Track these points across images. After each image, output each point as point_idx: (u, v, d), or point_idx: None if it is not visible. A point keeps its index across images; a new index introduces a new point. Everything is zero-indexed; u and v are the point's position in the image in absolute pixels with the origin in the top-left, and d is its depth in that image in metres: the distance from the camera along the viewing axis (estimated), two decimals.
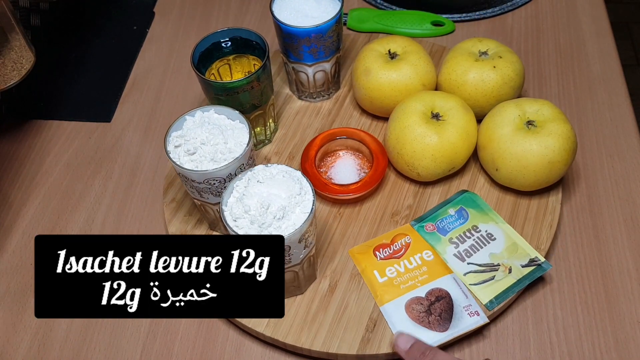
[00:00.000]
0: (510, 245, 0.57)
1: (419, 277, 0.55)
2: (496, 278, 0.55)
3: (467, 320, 0.52)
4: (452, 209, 0.60)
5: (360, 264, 0.57)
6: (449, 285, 0.54)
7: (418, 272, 0.55)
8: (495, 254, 0.56)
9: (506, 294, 0.54)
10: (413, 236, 0.58)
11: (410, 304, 0.54)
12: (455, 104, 0.60)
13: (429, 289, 0.54)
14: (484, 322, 0.52)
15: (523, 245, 0.57)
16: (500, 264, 0.56)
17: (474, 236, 0.58)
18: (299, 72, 0.68)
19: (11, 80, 0.63)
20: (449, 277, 0.55)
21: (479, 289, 0.54)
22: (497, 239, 0.57)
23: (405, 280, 0.55)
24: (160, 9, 0.86)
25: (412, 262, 0.56)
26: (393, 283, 0.55)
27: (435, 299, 0.53)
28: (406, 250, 0.57)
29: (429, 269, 0.56)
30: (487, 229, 0.58)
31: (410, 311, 0.53)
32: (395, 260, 0.57)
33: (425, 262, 0.56)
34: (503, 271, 0.55)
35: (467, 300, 0.53)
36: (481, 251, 0.57)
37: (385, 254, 0.57)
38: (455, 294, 0.54)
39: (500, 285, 0.54)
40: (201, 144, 0.52)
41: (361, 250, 0.58)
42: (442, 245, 0.58)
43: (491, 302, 0.54)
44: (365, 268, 0.57)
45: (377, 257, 0.57)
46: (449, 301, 0.53)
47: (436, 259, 0.56)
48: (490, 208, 0.60)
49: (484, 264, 0.56)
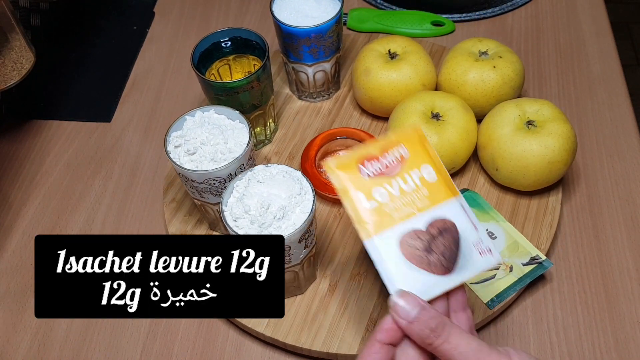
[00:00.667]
0: (511, 244, 0.57)
1: (417, 203, 0.42)
2: (497, 277, 0.55)
3: (477, 259, 0.41)
4: None
5: (340, 182, 0.43)
6: (455, 213, 0.42)
7: (416, 196, 0.42)
8: None
9: (507, 292, 0.54)
10: (410, 147, 0.44)
11: (405, 238, 0.41)
12: (455, 104, 0.60)
13: (429, 219, 0.42)
14: (498, 262, 0.42)
15: (524, 244, 0.57)
16: (501, 262, 0.56)
17: None
18: (299, 72, 0.68)
19: (11, 80, 0.63)
20: (454, 202, 0.43)
21: (480, 287, 0.54)
22: (498, 237, 0.57)
23: (399, 207, 0.42)
24: (160, 9, 0.86)
25: (408, 181, 0.43)
26: (384, 210, 0.42)
27: (437, 233, 0.41)
28: (401, 166, 0.43)
29: (430, 191, 0.43)
30: (487, 228, 0.58)
31: (405, 248, 0.41)
32: (387, 179, 0.43)
33: (425, 182, 0.43)
34: (504, 270, 0.55)
35: (476, 233, 0.42)
36: None
37: (373, 169, 0.43)
38: (463, 226, 0.42)
39: (501, 283, 0.54)
40: (201, 144, 0.52)
41: (342, 163, 0.43)
42: None
43: (492, 300, 0.54)
44: (347, 189, 0.42)
45: (362, 174, 0.43)
46: (455, 235, 0.42)
47: (439, 177, 0.43)
48: (491, 207, 0.60)
49: None
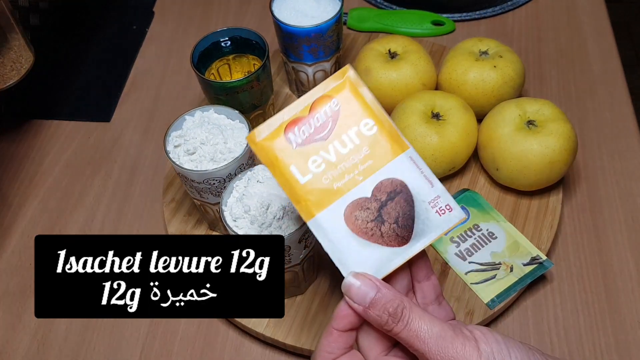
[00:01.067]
0: (511, 244, 0.57)
1: (360, 166, 0.37)
2: (497, 277, 0.55)
3: (436, 221, 0.36)
4: None
5: (267, 155, 0.38)
6: (404, 170, 0.37)
7: (357, 159, 0.37)
8: (496, 253, 0.56)
9: (508, 292, 0.54)
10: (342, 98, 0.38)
11: (351, 210, 0.37)
12: (455, 103, 0.60)
13: (375, 183, 0.37)
14: (460, 218, 0.37)
15: (524, 244, 0.57)
16: (501, 262, 0.56)
17: (475, 235, 0.58)
18: (299, 72, 0.68)
19: (10, 80, 0.63)
20: (402, 158, 0.37)
21: (481, 287, 0.54)
22: (499, 237, 0.57)
23: (339, 175, 0.37)
24: (159, 9, 0.86)
25: (345, 143, 0.37)
26: (322, 181, 0.37)
27: (386, 197, 0.37)
28: (334, 125, 0.37)
29: (372, 150, 0.37)
30: (488, 228, 0.58)
31: (352, 222, 0.36)
32: (321, 144, 0.37)
33: (364, 138, 0.37)
34: (504, 270, 0.55)
35: (432, 190, 0.37)
36: (482, 250, 0.57)
37: (303, 135, 0.37)
38: (416, 184, 0.37)
39: (501, 284, 0.54)
40: (201, 143, 0.52)
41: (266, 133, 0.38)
42: (443, 244, 0.57)
43: (493, 300, 0.53)
44: (276, 162, 0.37)
45: (291, 143, 0.37)
46: (408, 197, 0.37)
47: (382, 130, 0.37)
48: (491, 207, 0.60)
49: (485, 262, 0.56)
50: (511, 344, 0.33)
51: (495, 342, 0.33)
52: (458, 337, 0.33)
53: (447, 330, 0.33)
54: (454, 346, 0.32)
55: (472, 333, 0.33)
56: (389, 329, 0.34)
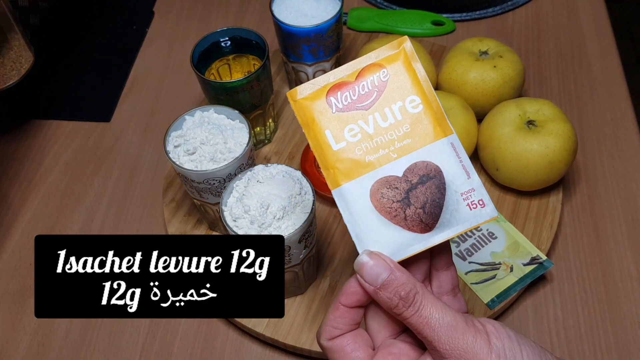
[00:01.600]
0: (511, 244, 0.57)
1: (397, 143, 0.35)
2: (497, 277, 0.55)
3: (465, 214, 0.35)
4: None
5: (304, 117, 0.36)
6: (443, 155, 0.35)
7: (395, 135, 0.35)
8: (496, 253, 0.56)
9: (508, 292, 0.54)
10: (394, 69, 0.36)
11: (378, 187, 0.35)
12: (455, 103, 0.60)
13: (409, 163, 0.35)
14: (492, 216, 0.35)
15: (524, 244, 0.57)
16: (501, 262, 0.56)
17: (475, 235, 0.58)
18: (299, 72, 0.68)
19: (10, 80, 0.63)
20: (443, 142, 0.35)
21: (481, 287, 0.54)
22: (499, 237, 0.57)
23: (374, 148, 0.35)
24: (159, 9, 0.86)
25: (387, 116, 0.35)
26: (355, 152, 0.35)
27: (418, 180, 0.35)
28: (379, 95, 0.36)
29: (413, 128, 0.35)
30: (488, 228, 0.58)
31: (377, 199, 0.35)
32: (361, 114, 0.36)
33: (407, 115, 0.35)
34: (504, 270, 0.55)
35: (468, 182, 0.35)
36: (482, 250, 0.57)
37: (345, 101, 0.36)
38: (452, 172, 0.35)
39: (501, 284, 0.54)
40: (201, 143, 0.52)
41: (308, 92, 0.36)
42: None
43: (493, 301, 0.53)
44: (312, 124, 0.36)
45: (331, 107, 0.36)
46: (441, 184, 0.35)
47: (427, 109, 0.36)
48: None
49: (485, 262, 0.56)
50: (523, 341, 0.32)
51: (507, 338, 0.32)
52: (469, 329, 0.32)
53: (459, 320, 0.32)
54: (465, 338, 0.31)
55: (485, 327, 0.32)
56: (399, 313, 0.32)
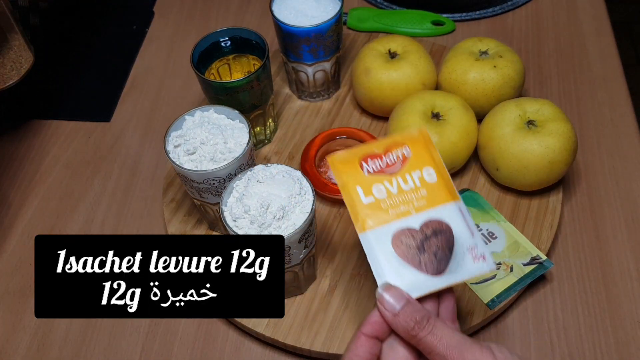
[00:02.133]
0: (511, 244, 0.57)
1: (415, 202, 0.43)
2: (497, 277, 0.55)
3: (469, 264, 0.42)
4: None
5: (341, 177, 0.45)
6: (452, 216, 0.43)
7: (414, 196, 0.43)
8: (496, 253, 0.56)
9: (508, 292, 0.54)
10: (414, 148, 0.45)
11: (399, 235, 0.42)
12: (455, 103, 0.60)
13: (425, 219, 0.43)
14: (491, 269, 0.42)
15: (524, 244, 0.57)
16: (501, 262, 0.56)
17: None
18: (299, 72, 0.68)
19: (10, 80, 0.63)
20: (453, 206, 0.43)
21: (480, 287, 0.54)
22: (499, 237, 0.57)
23: (396, 204, 0.43)
24: (159, 9, 0.86)
25: (408, 181, 0.44)
26: (380, 206, 0.43)
27: (431, 233, 0.42)
28: (403, 165, 0.45)
29: (429, 193, 0.44)
30: (488, 228, 0.58)
31: (397, 245, 0.42)
32: (387, 177, 0.44)
33: (425, 183, 0.44)
34: (504, 270, 0.55)
35: (472, 239, 0.42)
36: None
37: (375, 166, 0.45)
38: (459, 230, 0.43)
39: (501, 284, 0.54)
40: (201, 143, 0.52)
41: (345, 158, 0.45)
42: None
43: (493, 301, 0.53)
44: (347, 182, 0.44)
45: (364, 170, 0.45)
46: (450, 238, 0.42)
47: (440, 180, 0.44)
48: (491, 207, 0.60)
49: None
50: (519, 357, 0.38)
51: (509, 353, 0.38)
52: (476, 345, 0.37)
53: (466, 338, 0.38)
54: (473, 351, 0.37)
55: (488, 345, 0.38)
56: (415, 334, 0.38)
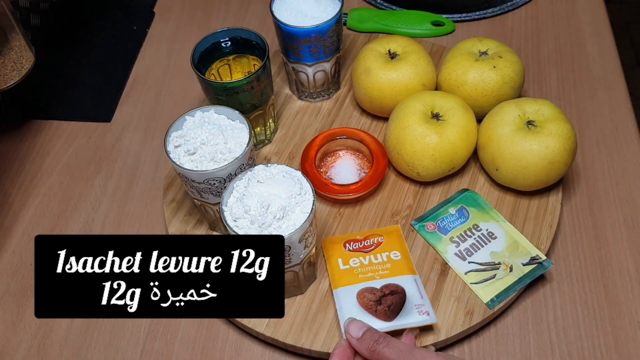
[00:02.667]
0: (511, 244, 0.57)
1: (380, 272, 0.55)
2: (497, 277, 0.55)
3: (415, 316, 0.51)
4: (452, 208, 0.60)
5: (327, 252, 0.58)
6: (408, 284, 0.53)
7: (380, 268, 0.55)
8: (496, 253, 0.56)
9: (507, 292, 0.54)
10: (388, 237, 0.58)
11: (363, 292, 0.53)
12: (455, 103, 0.60)
13: (385, 283, 0.54)
14: (432, 321, 0.51)
15: (524, 244, 0.57)
16: (501, 262, 0.56)
17: (475, 235, 0.58)
18: (299, 72, 0.68)
19: (11, 80, 0.63)
20: (409, 278, 0.54)
21: (480, 287, 0.54)
22: (498, 237, 0.57)
23: (365, 272, 0.55)
24: (160, 9, 0.86)
25: (378, 258, 0.56)
26: (353, 272, 0.55)
27: (389, 292, 0.53)
28: (376, 248, 0.57)
29: (393, 267, 0.55)
30: (488, 228, 0.58)
31: (361, 298, 0.53)
32: (362, 254, 0.57)
33: (391, 260, 0.56)
34: (504, 270, 0.55)
35: (421, 300, 0.53)
36: (482, 250, 0.57)
37: (354, 247, 0.57)
38: (411, 293, 0.53)
39: (501, 283, 0.54)
40: (201, 144, 0.52)
41: (333, 240, 0.59)
42: (443, 244, 0.58)
43: (492, 300, 0.54)
44: (331, 256, 0.57)
45: (345, 248, 0.57)
46: (402, 297, 0.52)
47: (403, 259, 0.56)
48: (491, 207, 0.60)
49: (484, 262, 0.56)
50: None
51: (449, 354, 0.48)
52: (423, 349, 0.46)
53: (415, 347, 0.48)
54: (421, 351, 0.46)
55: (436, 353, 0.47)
56: (374, 349, 0.46)
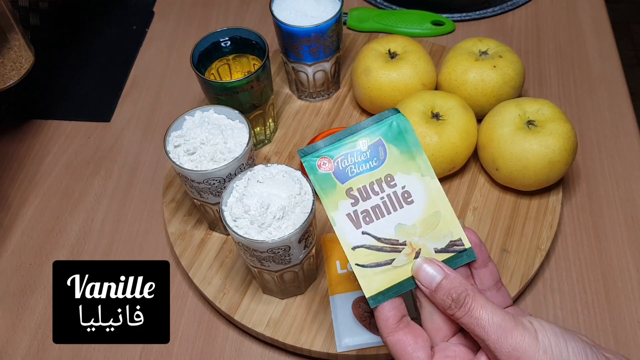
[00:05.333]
0: (430, 216, 0.40)
1: None
2: (395, 263, 0.39)
3: None
4: (365, 139, 0.41)
5: (327, 252, 0.57)
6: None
7: None
8: (404, 226, 0.40)
9: (399, 289, 0.39)
10: None
11: (358, 301, 0.53)
12: (455, 103, 0.60)
13: None
14: None
15: (448, 219, 0.40)
16: (407, 242, 0.39)
17: (385, 192, 0.40)
18: (299, 72, 0.68)
19: (10, 80, 0.63)
20: None
21: (366, 273, 0.39)
22: (416, 201, 0.40)
23: None
24: (159, 9, 0.86)
25: None
26: (350, 277, 0.54)
27: None
28: None
29: None
30: (405, 184, 0.40)
31: (356, 308, 0.52)
32: None
33: None
34: (407, 254, 0.39)
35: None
36: (387, 218, 0.40)
37: None
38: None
39: (396, 274, 0.39)
40: (201, 143, 0.52)
41: (333, 238, 0.57)
42: (335, 196, 0.40)
43: (375, 298, 0.38)
44: (330, 256, 0.56)
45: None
46: None
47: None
48: (420, 149, 0.41)
49: (384, 238, 0.40)
50: (569, 336, 0.34)
51: (554, 335, 0.34)
52: (518, 328, 0.34)
53: (507, 320, 0.34)
54: (513, 336, 0.34)
55: (532, 324, 0.35)
56: (452, 314, 0.36)
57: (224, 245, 0.59)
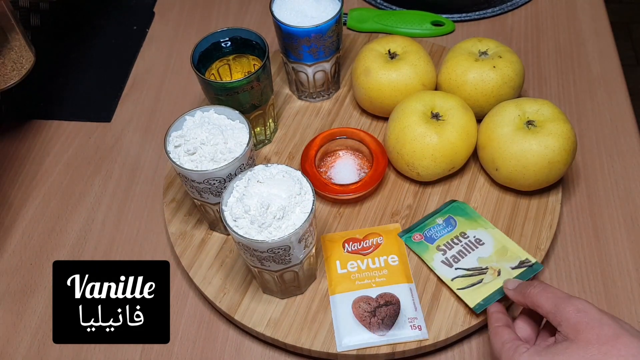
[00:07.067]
0: (499, 249, 0.56)
1: (377, 279, 0.55)
2: (484, 281, 0.54)
3: (407, 331, 0.52)
4: (440, 218, 0.59)
5: (327, 252, 0.58)
6: (403, 294, 0.54)
7: (377, 274, 0.55)
8: (483, 258, 0.55)
9: (494, 296, 0.52)
10: (387, 238, 0.58)
11: (358, 300, 0.54)
12: (455, 103, 0.60)
13: (381, 292, 0.54)
14: (424, 337, 0.52)
15: (513, 248, 0.56)
16: (488, 267, 0.55)
17: (462, 242, 0.57)
18: (299, 72, 0.68)
19: (11, 80, 0.63)
20: (405, 286, 0.54)
21: (467, 292, 0.53)
22: (486, 243, 0.57)
23: (362, 278, 0.55)
24: (160, 9, 0.86)
25: (375, 262, 0.56)
26: (350, 277, 0.55)
27: (384, 303, 0.53)
28: (374, 250, 0.57)
29: (390, 273, 0.55)
30: (475, 235, 0.57)
31: (356, 308, 0.53)
32: (360, 257, 0.57)
33: (388, 265, 0.56)
34: (492, 274, 0.54)
35: (415, 313, 0.53)
36: (469, 256, 0.56)
37: (353, 247, 0.57)
38: (405, 304, 0.53)
39: (488, 288, 0.53)
40: (201, 144, 0.52)
41: (333, 238, 0.59)
42: (430, 252, 0.57)
43: (479, 305, 0.52)
44: (330, 256, 0.57)
45: (344, 249, 0.57)
46: (397, 309, 0.53)
47: (400, 265, 0.56)
48: (479, 215, 0.59)
49: (471, 268, 0.55)
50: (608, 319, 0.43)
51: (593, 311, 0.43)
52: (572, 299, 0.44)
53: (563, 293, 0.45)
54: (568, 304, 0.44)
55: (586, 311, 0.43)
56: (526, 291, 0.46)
57: (224, 245, 0.59)
